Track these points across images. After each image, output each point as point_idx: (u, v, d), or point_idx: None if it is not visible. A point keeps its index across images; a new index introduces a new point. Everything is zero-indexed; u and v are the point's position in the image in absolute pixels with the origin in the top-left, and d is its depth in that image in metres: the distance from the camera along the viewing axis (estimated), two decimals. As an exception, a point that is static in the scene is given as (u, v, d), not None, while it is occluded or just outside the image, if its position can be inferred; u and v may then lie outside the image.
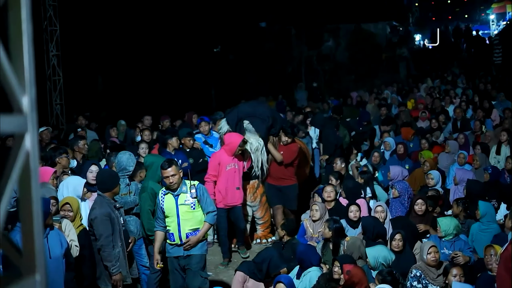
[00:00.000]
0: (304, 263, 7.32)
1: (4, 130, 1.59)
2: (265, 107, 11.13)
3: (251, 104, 10.93)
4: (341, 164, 11.29)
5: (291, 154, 10.53)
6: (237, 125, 10.29)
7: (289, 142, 10.57)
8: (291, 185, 10.68)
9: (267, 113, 10.53)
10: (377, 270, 7.34)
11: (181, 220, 7.41)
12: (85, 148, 10.44)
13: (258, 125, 10.30)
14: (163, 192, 7.49)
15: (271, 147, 10.46)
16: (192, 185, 7.43)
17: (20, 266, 1.66)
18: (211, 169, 9.84)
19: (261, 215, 10.66)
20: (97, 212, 6.86)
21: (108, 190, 7.10)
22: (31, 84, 1.65)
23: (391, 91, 23.51)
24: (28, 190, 1.64)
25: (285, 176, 10.61)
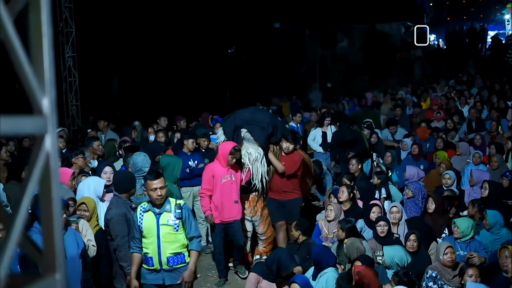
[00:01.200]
0: (320, 264, 7.31)
1: (25, 131, 1.61)
2: (264, 113, 10.16)
3: (249, 110, 9.81)
4: (357, 165, 11.27)
5: (293, 164, 9.61)
6: (234, 134, 9.33)
7: (291, 150, 9.59)
8: (295, 199, 9.79)
9: (267, 120, 9.50)
10: (392, 270, 7.34)
11: (162, 242, 6.57)
12: (99, 149, 10.52)
13: (257, 133, 9.33)
14: (142, 208, 6.65)
15: (272, 157, 9.54)
16: (177, 204, 6.62)
17: (41, 265, 1.69)
18: (205, 182, 8.89)
19: (263, 230, 9.60)
20: (114, 212, 6.90)
21: (125, 191, 7.15)
22: (51, 86, 1.67)
23: (405, 91, 23.44)
24: (48, 191, 1.66)
25: (287, 189, 9.72)
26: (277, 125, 9.75)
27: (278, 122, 10.07)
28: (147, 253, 6.64)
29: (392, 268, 7.36)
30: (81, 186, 7.81)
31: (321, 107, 19.01)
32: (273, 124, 9.56)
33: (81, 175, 8.52)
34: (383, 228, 8.19)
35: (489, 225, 8.31)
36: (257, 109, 10.45)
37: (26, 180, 1.61)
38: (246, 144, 9.28)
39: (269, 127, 9.40)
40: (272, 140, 9.56)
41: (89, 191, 7.61)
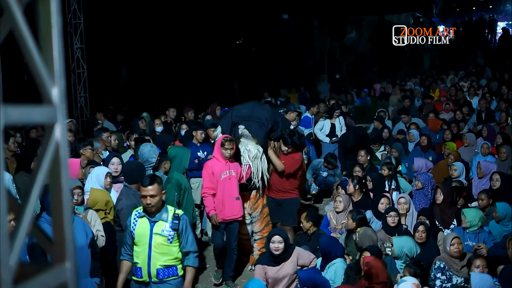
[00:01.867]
0: (328, 255, 7.32)
1: (35, 120, 1.62)
2: (263, 108, 9.58)
3: (247, 106, 9.40)
4: (366, 156, 11.28)
5: (294, 163, 9.24)
6: (232, 131, 8.94)
7: (290, 152, 9.21)
8: (292, 199, 9.36)
9: (266, 116, 9.06)
10: (401, 261, 7.34)
11: (153, 253, 6.03)
12: (108, 140, 10.54)
13: (255, 130, 8.91)
14: (137, 213, 6.14)
15: (272, 154, 9.16)
16: (175, 214, 6.05)
17: (51, 254, 1.70)
18: (206, 181, 8.46)
19: (259, 228, 9.09)
20: (124, 203, 6.92)
21: (135, 182, 7.17)
22: (61, 76, 1.68)
23: (414, 82, 23.38)
24: (58, 180, 1.67)
25: (285, 188, 9.31)
26: (278, 120, 9.32)
27: (280, 117, 9.62)
28: (137, 262, 6.12)
29: (401, 259, 7.37)
30: (88, 177, 7.86)
31: (330, 98, 18.98)
32: (272, 119, 9.12)
33: (89, 167, 8.54)
34: (393, 219, 8.20)
35: (499, 217, 8.29)
36: (256, 104, 9.82)
37: (35, 170, 1.62)
38: (245, 141, 8.93)
39: (269, 123, 9.00)
40: (272, 136, 9.17)
41: (91, 181, 7.65)
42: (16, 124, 1.58)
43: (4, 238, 1.49)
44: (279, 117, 9.56)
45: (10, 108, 1.50)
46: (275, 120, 9.21)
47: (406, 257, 7.37)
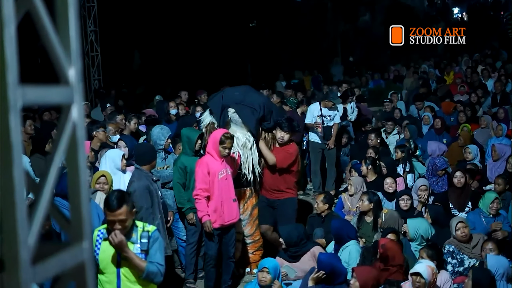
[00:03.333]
0: (341, 238, 7.32)
1: (52, 101, 1.63)
2: (257, 94, 8.68)
3: (239, 89, 8.50)
4: (376, 139, 11.29)
5: (287, 157, 8.31)
6: (222, 114, 8.08)
7: (286, 141, 8.33)
8: (287, 199, 8.41)
9: (259, 102, 8.17)
10: (416, 242, 7.34)
11: (123, 283, 4.87)
12: (122, 123, 10.56)
13: (246, 116, 8.01)
14: (100, 234, 4.95)
15: (263, 145, 8.22)
16: (145, 231, 4.89)
17: (68, 234, 1.72)
18: (200, 181, 7.34)
19: (250, 231, 8.25)
20: (136, 185, 6.94)
21: (146, 163, 7.18)
22: (77, 56, 1.69)
23: (428, 65, 23.26)
24: (75, 160, 1.68)
25: (279, 186, 8.38)
26: (271, 109, 8.44)
27: (274, 107, 8.84)
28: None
29: (416, 241, 7.37)
30: (101, 159, 7.87)
31: (343, 81, 18.92)
32: (266, 107, 8.24)
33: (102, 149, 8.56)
34: (406, 202, 8.20)
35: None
36: (250, 88, 8.78)
37: (53, 150, 1.63)
38: (233, 128, 8.02)
39: (261, 109, 8.10)
40: (264, 126, 8.26)
41: (105, 164, 7.66)
42: (33, 105, 1.59)
43: (22, 218, 1.50)
44: (273, 107, 8.74)
45: (27, 88, 1.51)
46: (269, 109, 8.33)
47: (422, 238, 7.36)
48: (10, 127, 1.46)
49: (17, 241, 1.49)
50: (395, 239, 6.98)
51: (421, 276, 5.90)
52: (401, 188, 9.52)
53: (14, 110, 1.46)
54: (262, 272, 6.47)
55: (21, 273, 1.49)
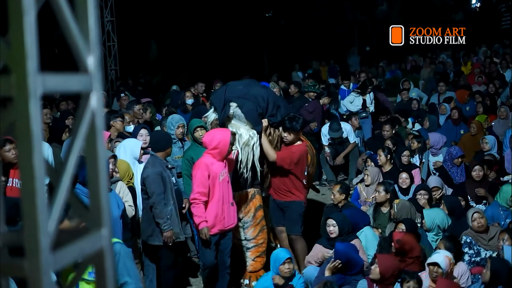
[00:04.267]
0: (356, 226, 7.30)
1: (71, 88, 1.64)
2: (262, 87, 8.10)
3: (243, 83, 8.09)
4: (391, 131, 11.26)
5: (288, 156, 7.68)
6: (223, 109, 7.58)
7: (291, 141, 7.71)
8: (294, 202, 7.83)
9: (263, 95, 7.61)
10: (432, 233, 7.32)
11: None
12: (140, 112, 10.59)
13: (249, 110, 7.47)
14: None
15: (265, 140, 7.57)
16: None
17: (87, 221, 1.73)
18: (198, 184, 6.86)
19: (253, 234, 7.67)
20: (149, 171, 6.97)
21: (161, 150, 7.20)
22: (96, 44, 1.70)
23: (446, 55, 23.11)
24: (94, 147, 1.70)
25: (285, 187, 7.83)
26: (278, 103, 7.83)
27: (281, 101, 8.13)
28: None
29: (433, 231, 7.35)
30: (117, 149, 7.90)
31: (360, 72, 18.85)
32: (272, 101, 7.68)
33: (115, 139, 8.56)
34: (423, 197, 8.07)
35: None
36: (254, 82, 8.32)
37: (72, 137, 1.65)
38: (236, 123, 7.52)
39: (265, 103, 7.56)
40: (270, 121, 7.67)
41: (125, 153, 7.70)
42: (53, 93, 1.60)
43: (42, 205, 1.52)
44: (281, 101, 8.07)
45: (47, 76, 1.52)
46: (275, 103, 7.73)
47: (438, 228, 7.34)
48: (30, 115, 1.47)
49: (37, 227, 1.50)
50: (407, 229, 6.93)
51: (439, 266, 5.89)
52: (418, 179, 9.49)
53: (34, 98, 1.47)
54: (284, 264, 6.47)
55: (41, 259, 1.50)
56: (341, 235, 6.98)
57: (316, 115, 12.28)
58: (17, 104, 1.47)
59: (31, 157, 1.47)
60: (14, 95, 1.48)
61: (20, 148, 1.49)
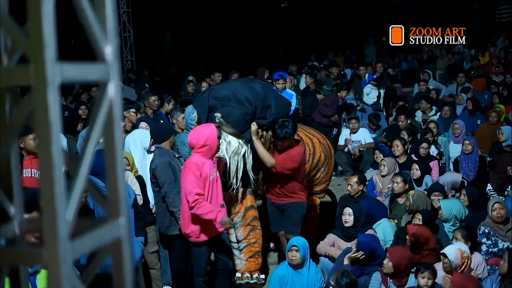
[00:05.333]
0: (373, 216, 7.28)
1: (89, 78, 1.65)
2: (248, 88, 7.14)
3: (227, 86, 7.33)
4: (406, 121, 11.22)
5: (288, 161, 7.09)
6: (208, 117, 6.94)
7: (285, 148, 7.09)
8: (296, 203, 7.34)
9: (249, 98, 6.91)
10: (449, 223, 7.29)
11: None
12: (155, 104, 10.58)
13: (236, 119, 6.83)
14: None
15: (260, 145, 6.94)
16: None
17: (106, 210, 1.74)
18: (194, 186, 6.28)
19: (243, 234, 7.16)
20: (158, 161, 6.97)
21: (165, 140, 7.20)
22: (113, 34, 1.70)
23: (462, 45, 22.93)
24: (111, 136, 1.70)
25: (285, 191, 7.33)
26: (269, 103, 7.10)
27: (273, 100, 7.26)
28: None
29: (450, 222, 7.31)
30: (126, 139, 7.90)
31: (376, 62, 18.75)
32: (260, 102, 6.98)
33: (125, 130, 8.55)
34: (438, 198, 7.97)
35: None
36: (241, 83, 7.50)
37: (90, 126, 1.65)
38: (226, 129, 6.92)
39: (252, 107, 6.89)
40: (260, 122, 7.00)
41: (135, 144, 7.71)
42: (71, 82, 1.60)
43: (61, 193, 1.52)
44: (271, 99, 7.21)
45: (65, 65, 1.52)
46: (264, 105, 7.02)
47: (455, 219, 7.31)
48: (48, 103, 1.48)
49: (55, 216, 1.51)
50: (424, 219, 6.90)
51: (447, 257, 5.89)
52: (436, 171, 9.45)
53: (53, 87, 1.48)
54: (292, 251, 6.46)
55: (60, 247, 1.51)
56: (355, 226, 6.97)
57: (334, 107, 12.28)
58: (35, 93, 1.48)
59: (50, 145, 1.48)
60: (32, 84, 1.48)
61: (39, 137, 1.50)
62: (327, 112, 12.00)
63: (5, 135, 1.65)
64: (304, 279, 6.47)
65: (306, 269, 6.50)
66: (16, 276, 1.80)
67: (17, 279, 1.80)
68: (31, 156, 6.61)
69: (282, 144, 7.04)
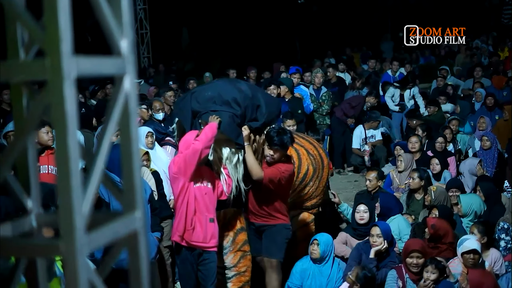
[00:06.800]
0: (389, 211, 7.25)
1: (105, 72, 1.65)
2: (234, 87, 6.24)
3: (212, 87, 6.40)
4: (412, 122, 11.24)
5: (276, 176, 6.21)
6: (192, 124, 6.09)
7: (277, 160, 6.25)
8: (278, 225, 6.43)
9: (236, 98, 6.04)
10: (468, 218, 7.25)
11: None
12: (171, 99, 10.60)
13: (226, 125, 5.93)
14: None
15: (251, 155, 6.06)
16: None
17: (121, 203, 1.75)
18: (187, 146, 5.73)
19: (233, 261, 6.29)
20: None
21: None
22: (129, 28, 1.70)
23: (481, 40, 22.78)
24: (127, 129, 1.71)
25: (268, 210, 6.41)
26: (258, 102, 6.21)
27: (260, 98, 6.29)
28: None
29: (469, 216, 7.28)
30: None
31: (393, 58, 18.66)
32: (248, 102, 6.10)
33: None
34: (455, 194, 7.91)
35: None
36: (224, 83, 6.62)
37: (106, 120, 1.66)
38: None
39: (241, 108, 6.02)
40: (251, 125, 6.13)
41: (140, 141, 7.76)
42: (87, 76, 1.61)
43: (77, 186, 1.53)
44: (260, 98, 6.31)
45: (81, 59, 1.53)
46: (254, 104, 6.15)
47: (474, 215, 7.28)
48: (64, 97, 1.49)
49: (72, 209, 1.52)
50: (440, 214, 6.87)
51: (475, 252, 5.85)
52: (453, 167, 9.40)
53: (69, 80, 1.48)
54: (313, 245, 6.48)
55: (76, 240, 1.52)
56: (367, 225, 6.95)
57: (357, 111, 11.96)
58: (51, 86, 1.49)
59: (66, 138, 1.49)
60: (48, 78, 1.50)
61: (55, 130, 1.51)
62: (349, 112, 11.79)
63: (22, 128, 1.67)
64: (325, 275, 6.48)
65: (329, 265, 6.51)
66: (34, 269, 1.82)
67: (35, 272, 1.82)
68: (49, 152, 6.66)
69: (275, 154, 6.17)
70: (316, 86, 11.90)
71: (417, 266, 5.83)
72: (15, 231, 1.75)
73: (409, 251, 5.88)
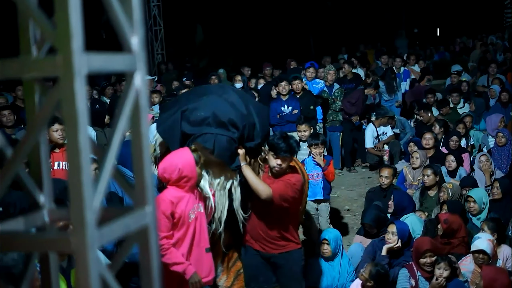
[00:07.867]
0: (403, 210, 7.25)
1: (116, 68, 1.67)
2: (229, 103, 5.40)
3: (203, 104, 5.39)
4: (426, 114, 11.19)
5: (288, 189, 5.45)
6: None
7: (283, 171, 5.51)
8: (293, 252, 5.70)
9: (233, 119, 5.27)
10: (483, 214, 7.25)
11: None
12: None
13: (222, 150, 5.22)
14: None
15: (249, 172, 5.34)
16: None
17: (132, 198, 1.76)
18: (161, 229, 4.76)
19: (227, 283, 5.63)
20: None
21: None
22: (140, 24, 1.72)
23: (496, 36, 22.66)
24: (138, 126, 1.73)
25: (278, 234, 5.64)
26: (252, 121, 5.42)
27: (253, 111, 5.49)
28: None
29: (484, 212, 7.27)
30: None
31: (408, 54, 18.59)
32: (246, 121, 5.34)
33: None
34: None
35: None
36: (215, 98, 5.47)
37: (117, 116, 1.68)
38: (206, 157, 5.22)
39: (239, 130, 5.29)
40: (248, 145, 5.42)
41: None
42: (98, 72, 1.63)
43: (88, 181, 1.55)
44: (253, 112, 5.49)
45: (92, 55, 1.55)
46: (250, 122, 5.40)
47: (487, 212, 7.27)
48: (75, 93, 1.50)
49: (83, 203, 1.54)
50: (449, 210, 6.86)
51: (484, 253, 5.83)
52: (467, 163, 9.36)
53: (80, 77, 1.50)
54: (323, 244, 6.49)
55: (87, 235, 1.54)
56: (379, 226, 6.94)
57: (358, 107, 11.58)
58: (62, 83, 1.51)
59: (77, 134, 1.51)
60: (59, 75, 1.51)
61: (66, 126, 1.53)
62: (351, 110, 11.51)
63: (35, 125, 1.69)
64: (336, 270, 6.50)
65: (338, 261, 6.52)
66: (46, 263, 1.84)
67: (47, 266, 1.84)
68: (63, 148, 6.71)
69: (283, 163, 5.43)
70: (329, 83, 11.82)
71: (431, 265, 5.82)
72: (28, 226, 1.78)
73: (423, 251, 5.86)
